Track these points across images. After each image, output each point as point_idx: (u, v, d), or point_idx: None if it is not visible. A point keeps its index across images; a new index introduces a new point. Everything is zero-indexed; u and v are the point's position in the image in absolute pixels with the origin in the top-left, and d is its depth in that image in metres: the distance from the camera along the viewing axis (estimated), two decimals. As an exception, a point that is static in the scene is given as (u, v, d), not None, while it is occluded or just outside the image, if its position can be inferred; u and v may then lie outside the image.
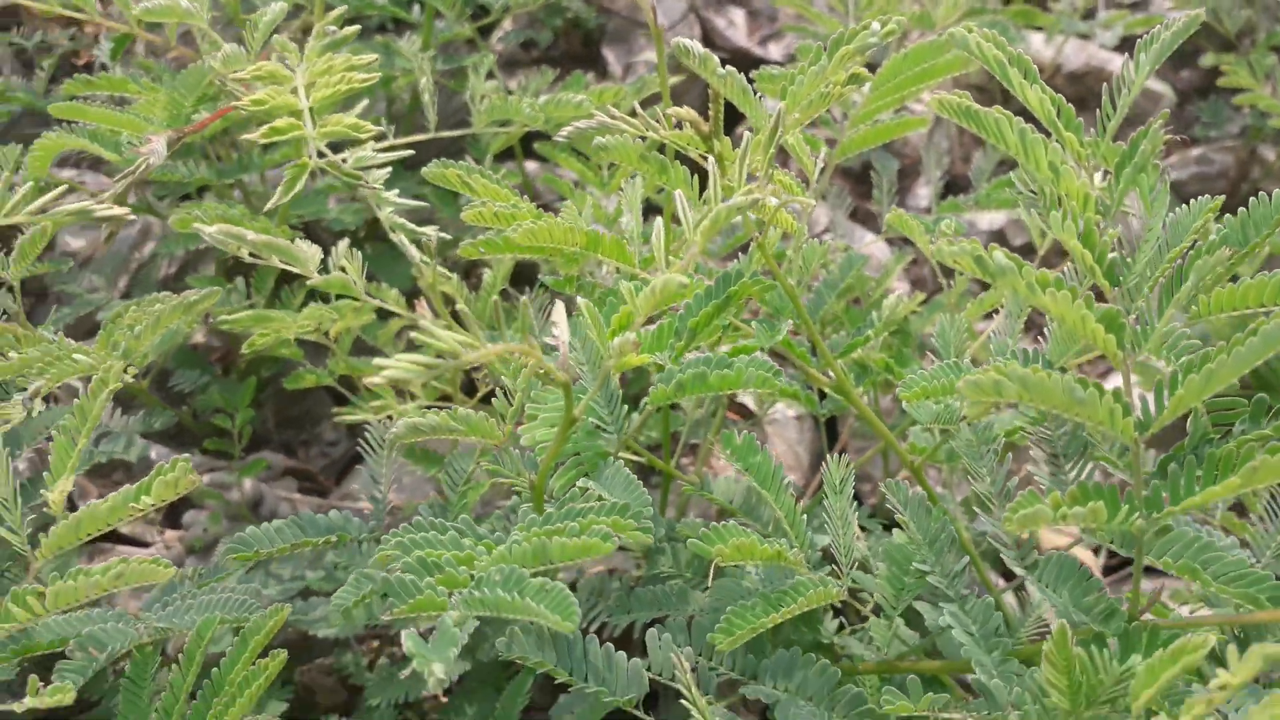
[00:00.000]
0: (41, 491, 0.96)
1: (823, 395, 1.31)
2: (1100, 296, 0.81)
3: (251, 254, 0.98)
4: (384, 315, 1.41)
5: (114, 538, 1.49)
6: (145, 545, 1.52)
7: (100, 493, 1.50)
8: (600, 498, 0.92)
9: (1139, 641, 0.81)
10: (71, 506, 0.93)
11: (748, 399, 1.70)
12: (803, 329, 1.09)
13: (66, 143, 1.35)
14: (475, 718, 1.24)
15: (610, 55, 2.10)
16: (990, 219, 2.05)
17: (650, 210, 1.39)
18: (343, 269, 1.05)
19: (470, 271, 1.78)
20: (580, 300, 0.92)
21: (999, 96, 2.04)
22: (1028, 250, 1.87)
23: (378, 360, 0.73)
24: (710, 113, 0.97)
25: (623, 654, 0.95)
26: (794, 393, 1.12)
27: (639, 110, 1.01)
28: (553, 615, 0.72)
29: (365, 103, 0.94)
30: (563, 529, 0.82)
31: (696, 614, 1.07)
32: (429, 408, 1.32)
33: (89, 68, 1.95)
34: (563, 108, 1.32)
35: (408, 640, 0.71)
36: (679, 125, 1.02)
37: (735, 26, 2.23)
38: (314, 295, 1.40)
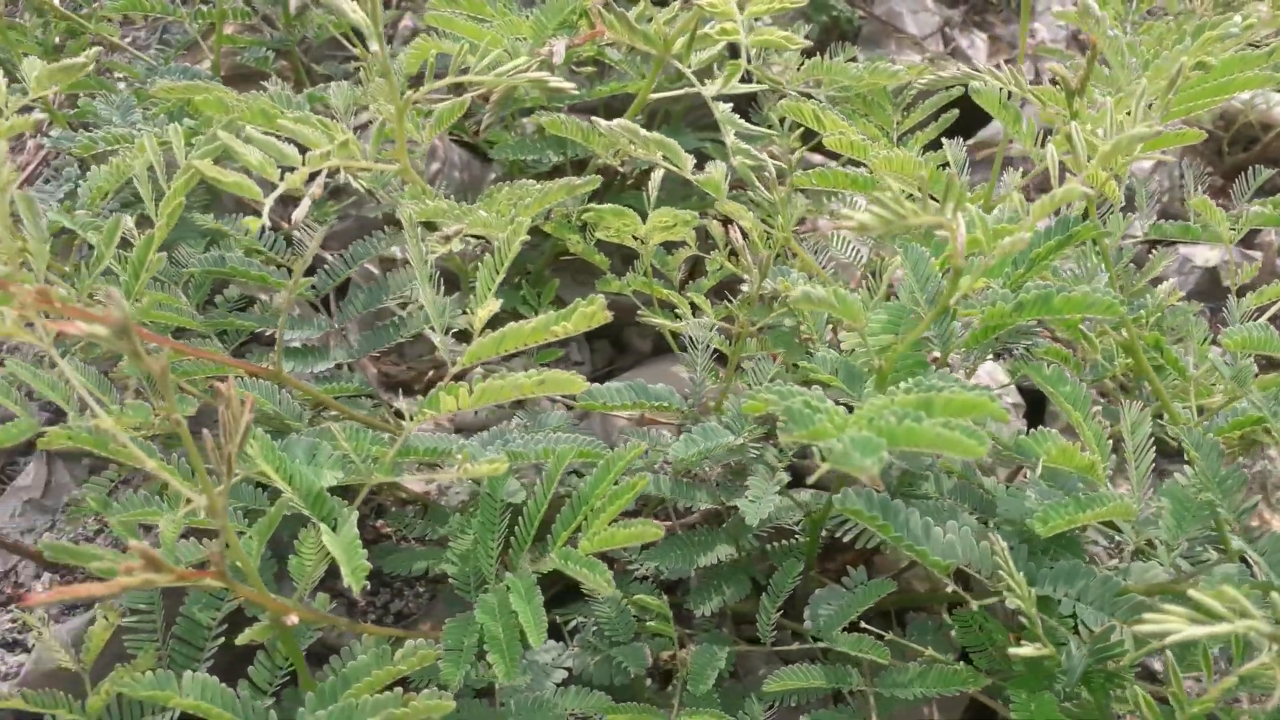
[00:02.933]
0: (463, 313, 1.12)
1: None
2: None
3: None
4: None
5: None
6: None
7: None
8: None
9: None
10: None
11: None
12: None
13: (438, 46, 1.54)
14: (732, 598, 1.38)
15: (861, 58, 2.25)
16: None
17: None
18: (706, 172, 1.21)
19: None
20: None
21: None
22: None
23: (842, 210, 0.87)
24: (1084, 70, 1.11)
25: (938, 528, 1.08)
26: (1126, 322, 1.22)
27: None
28: (967, 441, 0.84)
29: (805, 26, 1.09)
30: (941, 387, 0.95)
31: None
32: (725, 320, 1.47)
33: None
34: (879, 74, 1.46)
35: (841, 443, 0.85)
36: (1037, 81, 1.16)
37: (976, 49, 2.36)
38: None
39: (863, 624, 1.23)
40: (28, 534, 1.69)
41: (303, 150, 1.07)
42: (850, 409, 1.04)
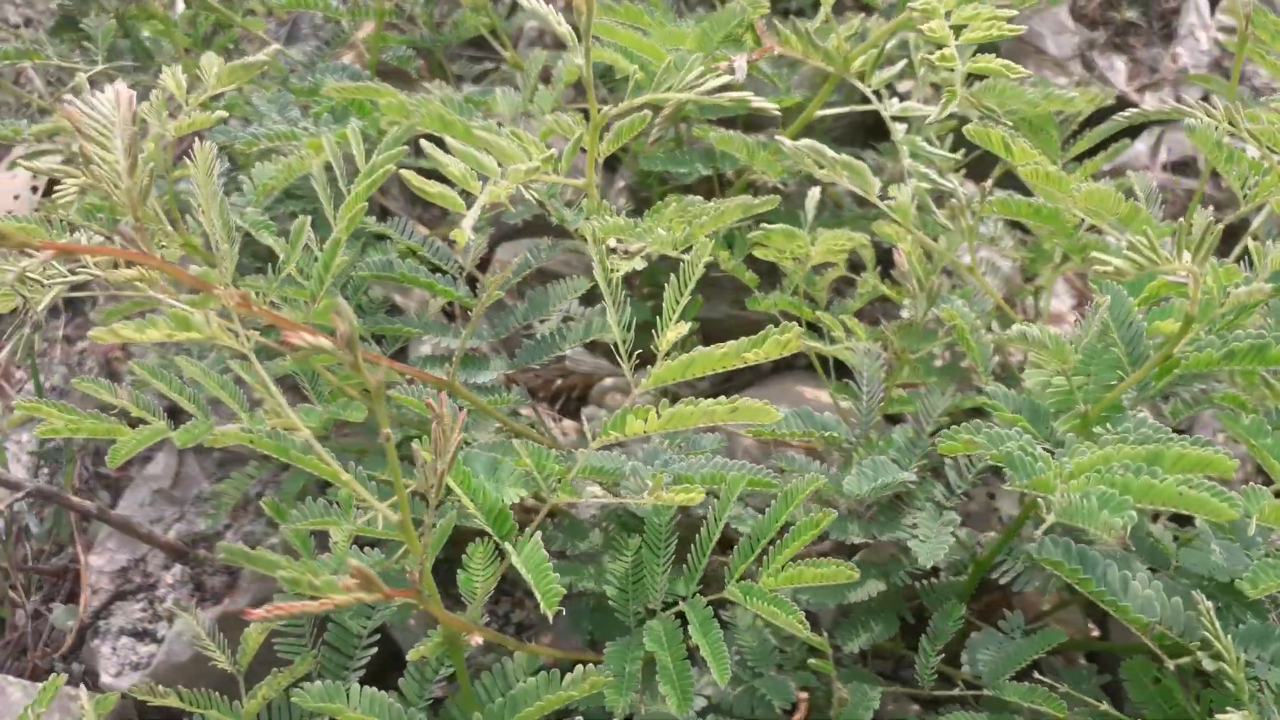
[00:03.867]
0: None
1: None
2: None
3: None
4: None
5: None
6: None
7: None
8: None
9: None
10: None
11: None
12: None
13: (597, 55, 1.52)
14: (880, 635, 1.34)
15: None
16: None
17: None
18: (892, 197, 1.17)
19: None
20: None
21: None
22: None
23: (1097, 255, 0.83)
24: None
25: (1136, 582, 1.03)
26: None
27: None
28: (1215, 502, 0.80)
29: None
30: (1171, 440, 0.91)
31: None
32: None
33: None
34: (1054, 99, 1.41)
35: (1074, 497, 0.81)
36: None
37: (1116, 72, 2.30)
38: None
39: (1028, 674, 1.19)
40: (155, 523, 1.70)
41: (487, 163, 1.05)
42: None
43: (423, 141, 1.01)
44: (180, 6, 2.61)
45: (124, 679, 1.55)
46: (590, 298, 1.46)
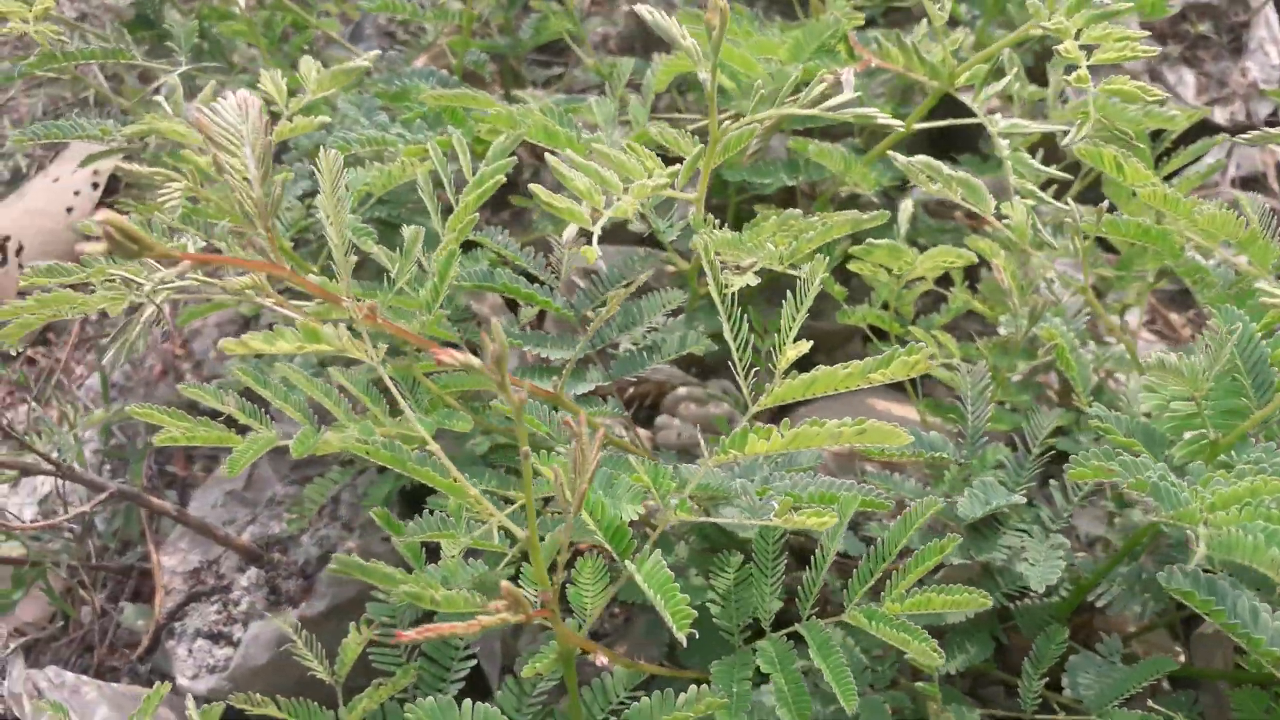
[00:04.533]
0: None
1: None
2: None
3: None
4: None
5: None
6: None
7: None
8: None
9: None
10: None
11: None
12: None
13: (684, 65, 1.50)
14: (976, 657, 1.32)
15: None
16: None
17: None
18: (1006, 216, 1.15)
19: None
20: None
21: None
22: None
23: (1264, 288, 0.82)
24: None
25: (1265, 614, 1.01)
26: None
27: None
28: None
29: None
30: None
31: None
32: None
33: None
34: (1156, 117, 1.39)
35: (1231, 531, 0.79)
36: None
37: (1185, 85, 2.28)
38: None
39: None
40: (228, 525, 1.69)
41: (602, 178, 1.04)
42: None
43: (548, 155, 1.00)
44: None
45: (200, 682, 1.54)
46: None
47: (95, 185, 2.44)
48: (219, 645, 1.58)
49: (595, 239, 0.97)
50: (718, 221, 1.15)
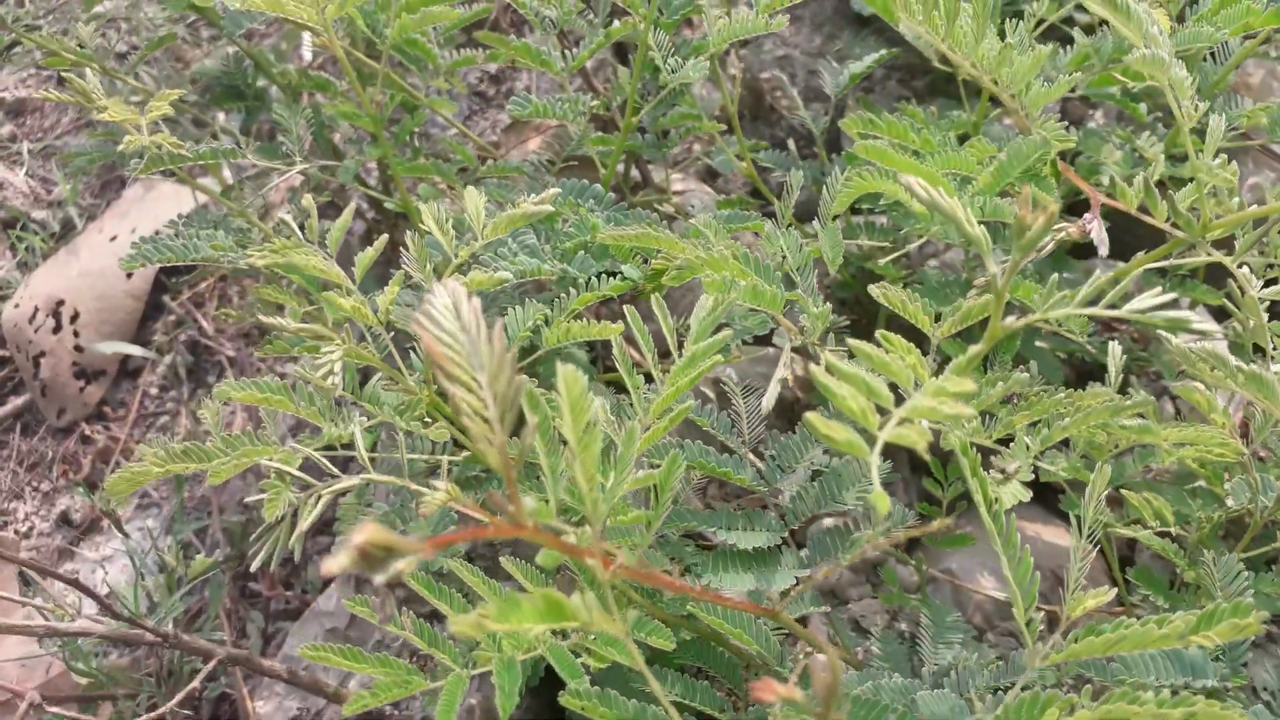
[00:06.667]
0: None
1: None
2: None
3: None
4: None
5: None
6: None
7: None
8: None
9: None
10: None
11: None
12: None
13: (873, 185, 1.34)
14: None
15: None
16: None
17: None
18: None
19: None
20: None
21: None
22: None
23: None
24: None
25: None
26: None
27: None
28: None
29: None
30: None
31: None
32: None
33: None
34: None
35: None
36: None
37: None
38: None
39: None
40: (324, 671, 1.53)
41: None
42: None
43: (811, 367, 0.83)
44: (307, 56, 2.42)
45: None
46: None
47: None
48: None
49: (876, 478, 0.80)
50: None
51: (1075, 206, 1.53)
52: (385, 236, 1.15)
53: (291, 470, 0.94)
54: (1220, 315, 1.71)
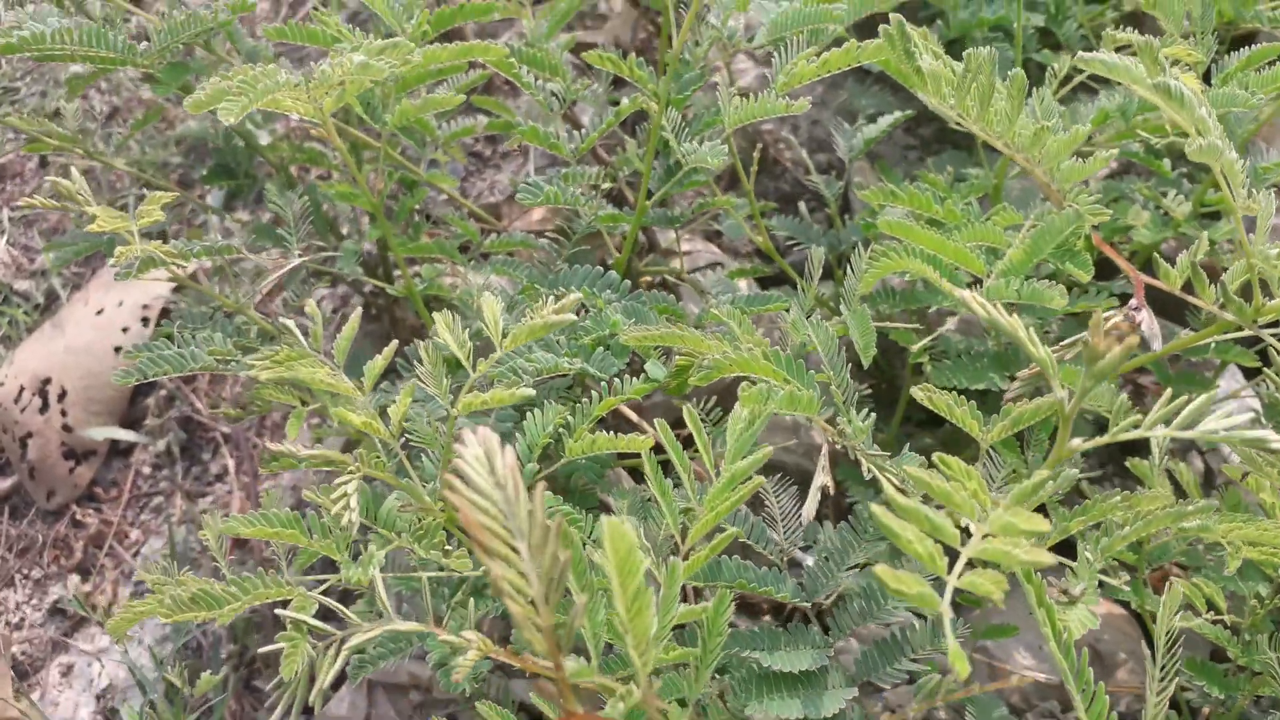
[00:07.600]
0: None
1: None
2: None
3: None
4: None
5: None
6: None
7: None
8: None
9: None
10: None
11: None
12: None
13: (899, 264, 1.28)
14: None
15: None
16: None
17: None
18: None
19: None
20: None
21: None
22: None
23: None
24: None
25: None
26: None
27: None
28: None
29: None
30: None
31: None
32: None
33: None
34: None
35: None
36: None
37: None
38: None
39: None
40: (340, 772, 1.46)
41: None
42: None
43: (873, 506, 0.77)
44: (295, 116, 2.36)
45: None
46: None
47: (145, 320, 2.18)
48: None
49: (950, 635, 0.74)
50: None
51: (1101, 265, 1.48)
52: (395, 343, 1.09)
53: (308, 620, 0.88)
54: (1249, 374, 1.66)
